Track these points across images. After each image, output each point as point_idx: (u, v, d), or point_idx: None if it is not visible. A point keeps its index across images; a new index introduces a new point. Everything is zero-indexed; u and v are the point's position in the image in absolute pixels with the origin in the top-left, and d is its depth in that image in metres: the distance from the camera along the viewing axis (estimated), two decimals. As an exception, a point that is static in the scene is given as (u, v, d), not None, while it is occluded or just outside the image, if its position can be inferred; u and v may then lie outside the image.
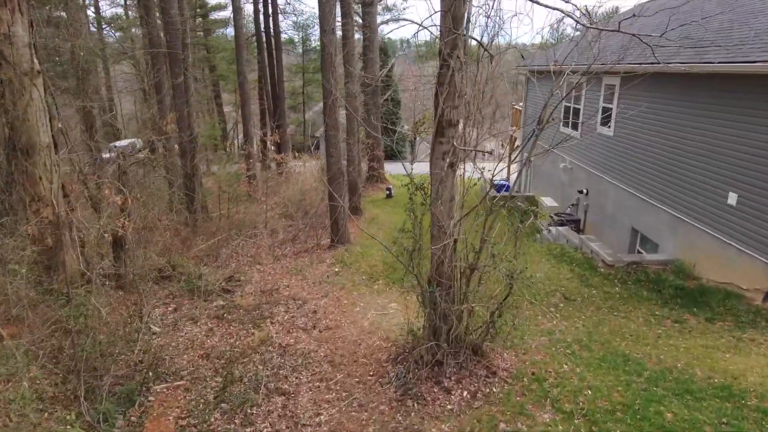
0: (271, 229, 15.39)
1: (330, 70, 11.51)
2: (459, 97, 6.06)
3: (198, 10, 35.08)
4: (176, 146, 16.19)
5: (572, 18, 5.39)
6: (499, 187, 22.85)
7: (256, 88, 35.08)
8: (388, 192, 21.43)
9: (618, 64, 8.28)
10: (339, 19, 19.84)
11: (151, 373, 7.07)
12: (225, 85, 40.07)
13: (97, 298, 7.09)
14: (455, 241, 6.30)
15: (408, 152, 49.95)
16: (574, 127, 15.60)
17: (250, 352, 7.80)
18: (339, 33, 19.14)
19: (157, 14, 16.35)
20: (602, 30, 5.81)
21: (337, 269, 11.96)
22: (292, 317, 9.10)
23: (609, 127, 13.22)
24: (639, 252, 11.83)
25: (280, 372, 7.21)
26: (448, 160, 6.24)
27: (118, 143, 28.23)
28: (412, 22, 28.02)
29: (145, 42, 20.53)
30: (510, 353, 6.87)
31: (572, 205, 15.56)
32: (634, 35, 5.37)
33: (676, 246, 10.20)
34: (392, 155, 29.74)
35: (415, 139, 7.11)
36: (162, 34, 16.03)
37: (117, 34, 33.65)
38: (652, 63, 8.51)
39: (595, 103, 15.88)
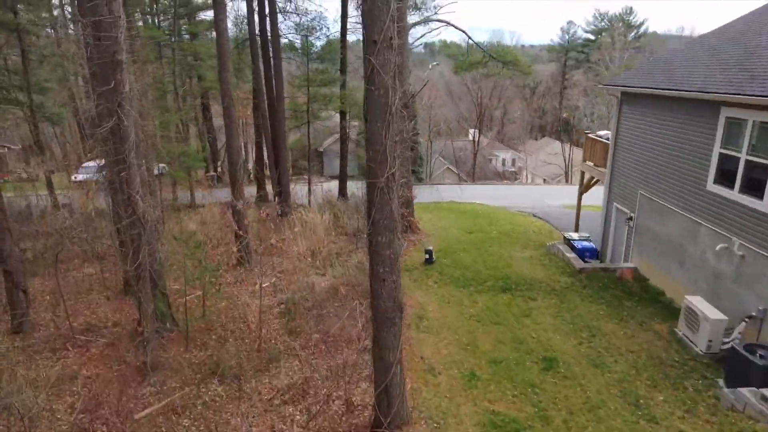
0: (265, 359, 9.48)
1: (385, 118, 5.61)
2: None
3: (181, 9, 29.08)
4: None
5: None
6: (581, 251, 16.63)
7: (250, 105, 29.04)
8: (427, 256, 15.33)
9: None
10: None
11: None
12: (215, 95, 33.78)
13: None
14: None
15: (423, 172, 43.93)
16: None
17: None
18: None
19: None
20: None
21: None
22: None
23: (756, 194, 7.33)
24: None
25: None
26: None
27: (89, 164, 22.19)
28: (448, 24, 22.11)
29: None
30: None
31: (749, 318, 9.45)
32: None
33: None
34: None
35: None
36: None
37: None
38: None
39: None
